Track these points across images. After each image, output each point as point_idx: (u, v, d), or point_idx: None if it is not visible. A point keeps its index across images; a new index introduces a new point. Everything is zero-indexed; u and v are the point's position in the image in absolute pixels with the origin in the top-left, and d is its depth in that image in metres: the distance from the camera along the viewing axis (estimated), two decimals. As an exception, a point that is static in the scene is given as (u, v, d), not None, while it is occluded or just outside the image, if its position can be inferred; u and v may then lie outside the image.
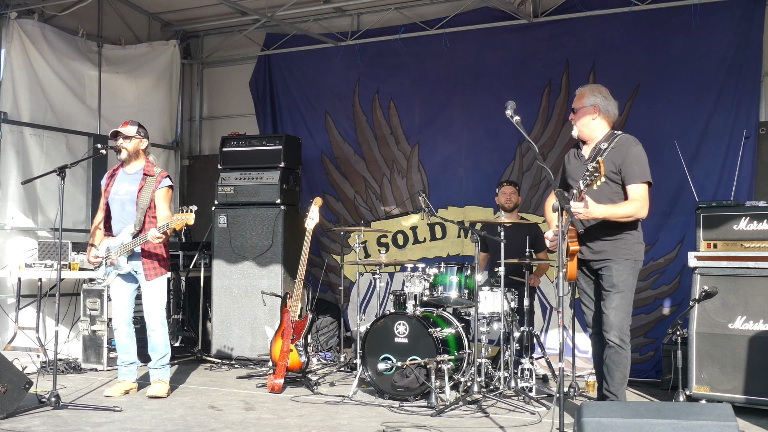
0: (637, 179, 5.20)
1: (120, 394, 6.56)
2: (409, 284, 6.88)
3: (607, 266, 5.26)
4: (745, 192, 7.19)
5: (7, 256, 8.40)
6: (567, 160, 5.64)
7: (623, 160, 5.21)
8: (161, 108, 10.27)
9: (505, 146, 8.66)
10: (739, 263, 6.04)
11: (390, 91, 9.41)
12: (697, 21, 7.73)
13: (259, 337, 8.37)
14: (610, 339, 5.21)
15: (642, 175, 5.21)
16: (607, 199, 5.22)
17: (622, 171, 5.22)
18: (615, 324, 5.20)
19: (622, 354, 5.21)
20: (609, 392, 5.28)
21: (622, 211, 5.18)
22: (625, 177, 5.22)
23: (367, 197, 9.48)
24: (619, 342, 5.20)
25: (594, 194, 5.11)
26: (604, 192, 5.21)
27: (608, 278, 5.26)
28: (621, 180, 5.25)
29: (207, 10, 9.82)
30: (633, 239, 5.29)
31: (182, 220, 6.18)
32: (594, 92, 5.45)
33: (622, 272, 5.23)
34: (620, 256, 5.24)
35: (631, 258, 5.26)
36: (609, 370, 5.25)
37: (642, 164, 5.22)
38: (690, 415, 3.77)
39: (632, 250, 5.28)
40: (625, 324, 5.23)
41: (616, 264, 5.24)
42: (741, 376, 5.94)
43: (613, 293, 5.23)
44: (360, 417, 5.90)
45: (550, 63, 8.50)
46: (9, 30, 8.44)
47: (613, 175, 5.22)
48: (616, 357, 5.22)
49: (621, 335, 5.21)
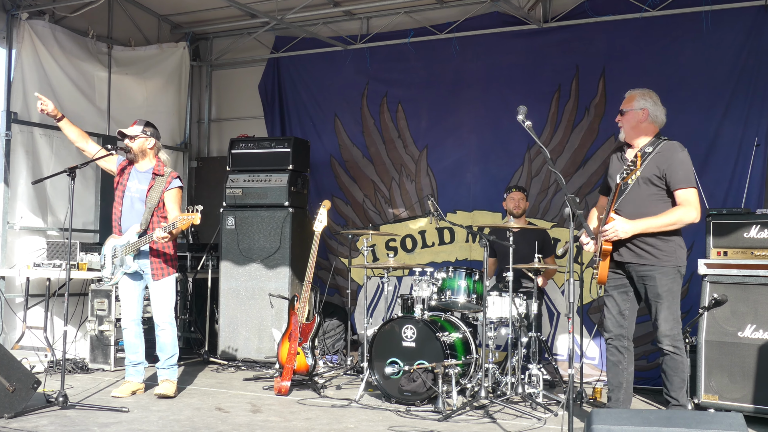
0: (683, 184, 5.18)
1: (127, 395, 6.56)
2: (417, 288, 6.87)
3: (650, 275, 5.23)
4: (756, 199, 7.16)
5: (16, 256, 8.41)
6: (611, 162, 5.60)
7: (668, 165, 5.18)
8: (170, 110, 10.28)
9: (514, 151, 8.64)
10: (749, 271, 6.01)
11: (398, 94, 9.40)
12: (708, 27, 7.71)
13: (265, 340, 8.37)
14: (664, 347, 5.22)
15: (687, 180, 5.19)
16: (646, 200, 5.23)
17: (667, 176, 5.19)
18: (667, 332, 5.21)
19: (677, 360, 5.21)
20: (669, 396, 5.27)
21: (664, 221, 5.17)
22: (670, 183, 5.20)
23: (375, 201, 9.48)
24: (673, 349, 5.21)
25: (631, 196, 5.13)
26: (643, 194, 5.23)
27: (652, 288, 5.24)
28: (665, 185, 5.22)
29: (216, 12, 9.83)
30: (675, 244, 5.26)
31: (188, 219, 6.18)
32: (645, 96, 5.42)
33: (666, 282, 5.21)
34: (663, 264, 5.22)
35: (673, 265, 5.23)
36: (667, 376, 5.26)
37: (687, 169, 5.21)
38: (701, 423, 3.75)
39: (675, 255, 5.25)
40: (676, 331, 5.22)
41: (659, 273, 5.21)
42: (750, 385, 5.91)
43: (658, 304, 5.22)
44: (367, 421, 5.90)
45: (560, 68, 8.48)
46: (20, 31, 8.46)
47: (656, 179, 5.19)
48: (672, 363, 5.23)
49: (674, 342, 5.21)
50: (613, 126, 8.10)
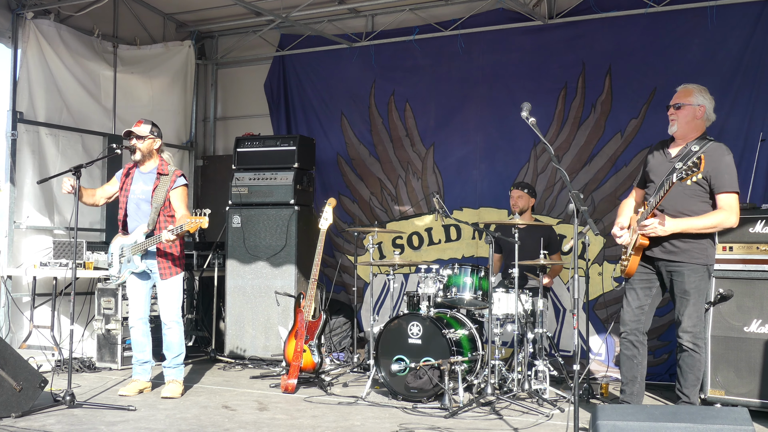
0: (727, 188, 5.18)
1: (134, 394, 6.58)
2: (422, 285, 6.88)
3: (679, 271, 5.25)
4: (761, 194, 7.13)
5: (23, 255, 8.44)
6: (651, 155, 5.56)
7: (714, 167, 5.15)
8: (175, 108, 10.30)
9: (520, 148, 8.63)
10: (754, 266, 5.99)
11: (406, 93, 9.39)
12: (713, 22, 7.69)
13: (272, 338, 8.38)
14: (684, 343, 5.24)
15: (732, 184, 5.19)
16: (686, 199, 5.23)
17: (712, 179, 5.18)
18: (689, 329, 5.22)
19: (696, 357, 5.23)
20: (681, 393, 5.29)
21: (705, 223, 5.18)
22: (714, 186, 5.19)
23: (382, 198, 9.48)
24: (693, 346, 5.22)
25: (673, 193, 5.08)
26: (684, 192, 5.21)
27: (680, 284, 5.25)
28: (708, 186, 5.21)
29: (222, 10, 9.83)
30: (707, 242, 5.28)
31: (196, 223, 6.17)
32: (703, 93, 5.40)
33: (694, 279, 5.22)
34: (694, 261, 5.23)
35: (704, 263, 5.26)
36: (682, 372, 5.27)
37: (732, 174, 5.20)
38: (706, 418, 3.76)
39: (706, 254, 5.28)
40: (698, 329, 5.24)
41: (688, 270, 5.23)
42: (756, 380, 5.90)
43: (685, 300, 5.23)
44: (373, 418, 5.90)
45: (566, 65, 8.47)
46: (25, 30, 8.48)
47: (700, 179, 5.11)
48: (689, 360, 5.24)
49: (695, 339, 5.22)
50: (619, 123, 8.16)
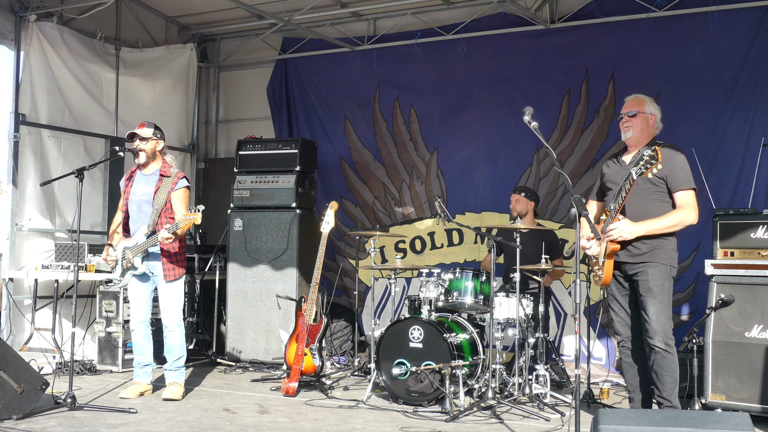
0: (683, 186, 5.31)
1: (135, 396, 6.58)
2: (424, 289, 6.88)
3: (643, 271, 5.31)
4: (763, 200, 7.14)
5: (24, 258, 8.45)
6: (606, 167, 5.71)
7: (669, 167, 5.24)
8: (178, 111, 10.32)
9: (523, 152, 8.64)
10: (756, 271, 6.00)
11: (410, 97, 9.39)
12: (715, 28, 7.70)
13: (273, 341, 8.38)
14: (655, 345, 5.25)
15: (687, 181, 5.32)
16: (646, 201, 5.33)
17: (668, 178, 5.30)
18: (657, 329, 5.25)
19: (669, 358, 5.24)
20: (662, 398, 5.29)
21: (666, 223, 5.29)
22: (671, 185, 5.32)
23: (386, 202, 9.48)
24: (664, 346, 5.24)
25: (633, 196, 5.22)
26: (644, 195, 5.33)
27: (644, 283, 5.30)
28: (666, 186, 5.33)
29: (224, 13, 9.85)
30: (670, 245, 5.36)
31: (189, 220, 6.19)
32: (653, 103, 5.59)
33: (658, 277, 5.28)
34: (657, 260, 5.30)
35: (667, 263, 5.33)
36: (658, 376, 5.28)
37: (686, 171, 5.33)
38: (707, 423, 3.76)
39: (668, 256, 5.36)
40: (667, 327, 5.26)
41: (652, 268, 5.29)
42: (757, 385, 5.90)
43: (650, 298, 5.27)
44: (374, 422, 5.90)
45: (569, 70, 8.47)
46: (28, 32, 8.50)
47: (657, 180, 5.27)
48: (663, 362, 5.25)
49: (665, 339, 5.24)
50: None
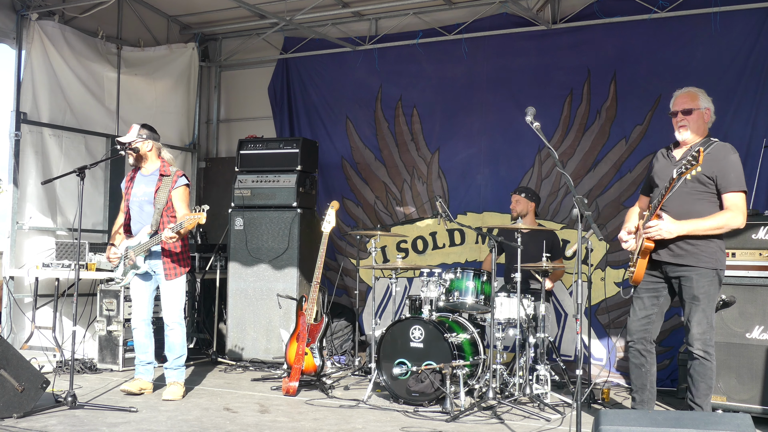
0: (734, 188, 5.09)
1: (136, 390, 6.60)
2: (425, 289, 6.88)
3: (687, 276, 5.11)
4: (764, 201, 7.13)
5: (25, 256, 8.44)
6: (655, 159, 5.48)
7: (720, 167, 5.08)
8: (179, 110, 10.31)
9: (524, 153, 8.63)
10: (757, 273, 5.98)
11: (413, 97, 9.38)
12: (717, 28, 7.69)
13: (273, 340, 8.38)
14: (695, 351, 5.09)
15: (739, 183, 5.09)
16: (692, 200, 5.12)
17: (718, 178, 5.09)
18: (698, 336, 5.08)
19: (707, 365, 5.09)
20: (694, 403, 5.13)
21: (710, 224, 5.05)
22: (721, 185, 5.09)
23: (387, 202, 9.47)
24: (704, 354, 5.08)
25: (678, 194, 5.03)
26: (690, 193, 5.13)
27: (688, 289, 5.12)
28: (715, 187, 5.12)
29: (226, 13, 9.85)
30: (716, 246, 5.14)
31: (194, 219, 6.20)
32: (705, 95, 5.34)
33: (703, 284, 5.08)
34: (702, 265, 5.09)
35: (713, 267, 5.11)
36: (694, 381, 5.12)
37: (739, 173, 5.11)
38: (709, 424, 3.76)
39: (714, 257, 5.12)
40: (708, 336, 5.09)
41: (697, 274, 5.09)
42: (758, 386, 5.90)
43: (694, 305, 5.09)
44: (375, 421, 5.90)
45: (571, 71, 8.46)
46: (30, 31, 8.49)
47: (705, 179, 5.08)
48: (701, 368, 5.09)
49: (705, 347, 5.08)
50: (624, 129, 8.16)
